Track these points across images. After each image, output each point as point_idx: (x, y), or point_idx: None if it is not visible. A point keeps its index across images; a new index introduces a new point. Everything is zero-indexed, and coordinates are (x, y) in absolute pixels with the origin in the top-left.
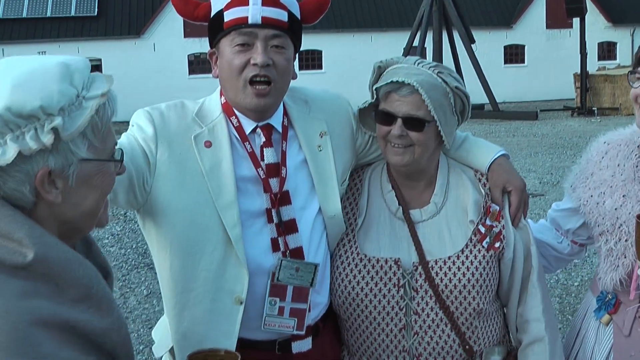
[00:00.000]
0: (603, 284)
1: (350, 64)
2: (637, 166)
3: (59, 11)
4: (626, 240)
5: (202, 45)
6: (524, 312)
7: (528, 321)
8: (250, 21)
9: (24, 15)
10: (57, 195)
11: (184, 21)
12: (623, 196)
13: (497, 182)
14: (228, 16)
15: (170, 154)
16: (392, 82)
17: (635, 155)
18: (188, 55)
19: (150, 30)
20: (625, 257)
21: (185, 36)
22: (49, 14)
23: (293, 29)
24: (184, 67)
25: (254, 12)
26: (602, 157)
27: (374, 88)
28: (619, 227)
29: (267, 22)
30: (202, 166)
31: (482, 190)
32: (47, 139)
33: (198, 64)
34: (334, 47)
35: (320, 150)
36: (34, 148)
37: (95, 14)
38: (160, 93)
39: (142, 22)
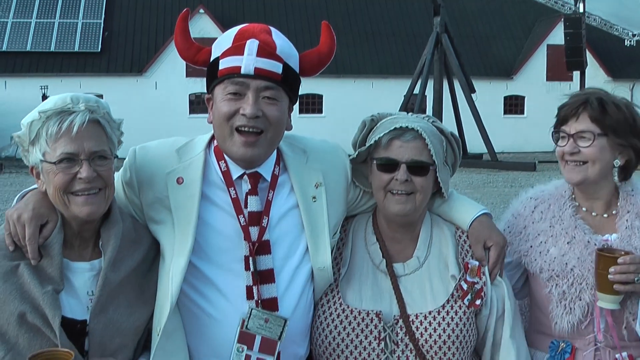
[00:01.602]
0: (559, 328)
1: (350, 109)
2: (573, 216)
3: (63, 46)
4: (580, 284)
5: (203, 85)
6: None
7: None
8: (242, 71)
9: (28, 48)
10: (41, 184)
11: None
12: (567, 243)
13: (478, 239)
14: (223, 64)
15: (153, 194)
16: (395, 128)
17: (569, 206)
18: (189, 95)
19: (153, 68)
20: (580, 300)
21: (187, 75)
22: (52, 48)
23: (288, 81)
24: (185, 106)
25: (247, 62)
26: (533, 211)
27: (375, 138)
28: (570, 271)
29: (259, 73)
30: (171, 202)
31: (462, 247)
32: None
33: (199, 104)
34: (335, 91)
35: (315, 201)
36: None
37: (99, 50)
38: (160, 131)
39: (144, 60)
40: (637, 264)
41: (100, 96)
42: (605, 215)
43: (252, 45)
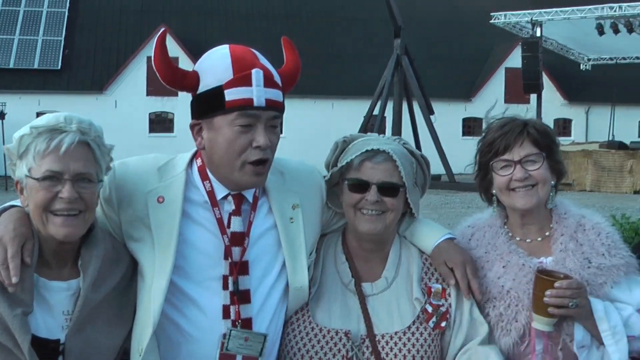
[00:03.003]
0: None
1: (310, 129)
2: (507, 242)
3: (22, 63)
4: (516, 305)
5: (163, 104)
6: None
7: None
8: (255, 104)
9: None
10: (24, 199)
11: (147, 79)
12: (503, 267)
13: (438, 261)
14: (231, 95)
15: (133, 212)
16: (367, 150)
17: (502, 233)
18: (149, 114)
19: (113, 86)
20: (516, 321)
21: (147, 94)
22: (11, 65)
23: (284, 106)
24: (145, 125)
25: (258, 94)
26: (470, 240)
27: (347, 159)
28: (507, 293)
29: (269, 105)
30: (151, 221)
31: (428, 269)
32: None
33: (159, 123)
34: (295, 112)
35: (292, 222)
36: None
37: (59, 67)
38: (120, 150)
39: (105, 78)
40: (573, 289)
41: None
42: (539, 239)
43: (258, 75)
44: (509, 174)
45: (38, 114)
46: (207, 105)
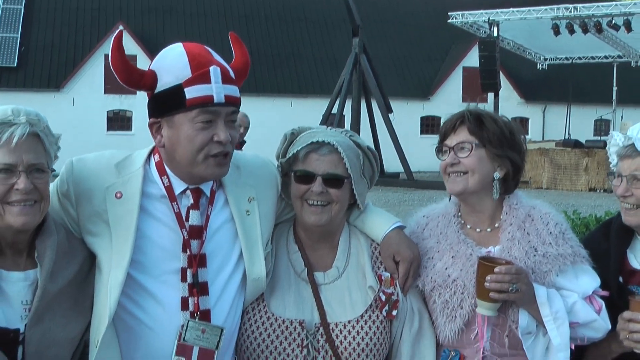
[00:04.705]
0: (444, 337)
1: (269, 128)
2: (458, 231)
3: None
4: (462, 293)
5: (121, 102)
6: None
7: None
8: (215, 100)
9: None
10: None
11: (105, 77)
12: (452, 257)
13: (387, 253)
14: (191, 93)
15: (91, 207)
16: (312, 142)
17: (454, 222)
18: (107, 111)
19: (70, 84)
20: (461, 308)
21: (105, 92)
22: None
23: (240, 101)
24: (103, 123)
25: (217, 90)
26: (424, 229)
27: (293, 151)
28: (453, 282)
29: (228, 101)
30: (109, 216)
31: (377, 258)
32: None
33: (117, 121)
34: (254, 110)
35: (248, 215)
36: None
37: (15, 64)
38: (78, 148)
39: (62, 75)
40: (512, 274)
41: None
42: (489, 230)
43: (216, 72)
44: (445, 159)
45: None
46: (167, 104)
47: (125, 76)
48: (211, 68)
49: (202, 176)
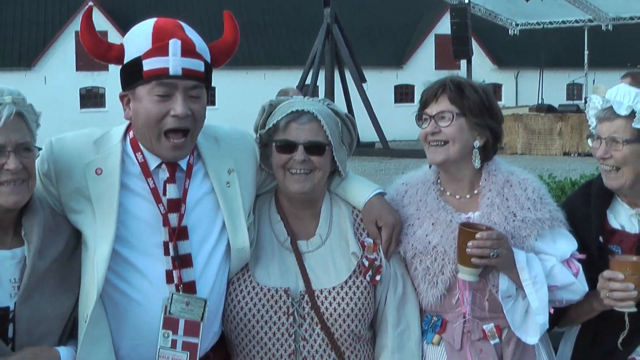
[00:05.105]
0: (426, 303)
1: (243, 100)
2: (438, 198)
3: None
4: (443, 259)
5: (94, 79)
6: (380, 338)
7: (381, 347)
8: (171, 72)
9: None
10: None
11: (77, 54)
12: (432, 224)
13: (369, 219)
14: (148, 65)
15: (72, 184)
16: (292, 112)
17: (434, 190)
18: (80, 89)
19: (42, 62)
20: (443, 274)
21: (77, 69)
22: None
23: (207, 77)
24: (76, 100)
25: (174, 63)
26: (403, 197)
27: (273, 122)
28: (433, 248)
29: (186, 74)
30: (91, 193)
31: (359, 225)
32: None
33: (90, 98)
34: (227, 83)
35: (229, 187)
36: None
37: None
38: (51, 127)
39: (33, 54)
40: (493, 239)
41: None
42: (468, 196)
43: (175, 45)
44: (426, 128)
45: None
46: (130, 76)
47: (92, 47)
48: (171, 41)
49: (161, 155)
